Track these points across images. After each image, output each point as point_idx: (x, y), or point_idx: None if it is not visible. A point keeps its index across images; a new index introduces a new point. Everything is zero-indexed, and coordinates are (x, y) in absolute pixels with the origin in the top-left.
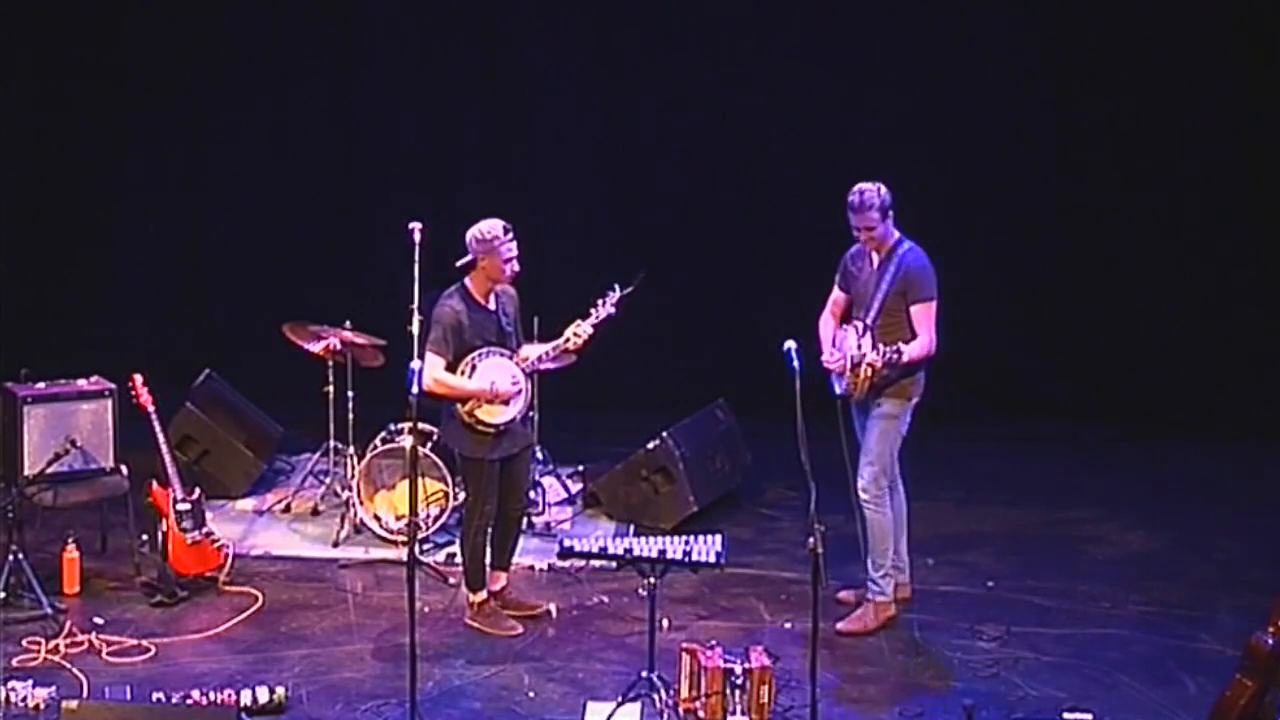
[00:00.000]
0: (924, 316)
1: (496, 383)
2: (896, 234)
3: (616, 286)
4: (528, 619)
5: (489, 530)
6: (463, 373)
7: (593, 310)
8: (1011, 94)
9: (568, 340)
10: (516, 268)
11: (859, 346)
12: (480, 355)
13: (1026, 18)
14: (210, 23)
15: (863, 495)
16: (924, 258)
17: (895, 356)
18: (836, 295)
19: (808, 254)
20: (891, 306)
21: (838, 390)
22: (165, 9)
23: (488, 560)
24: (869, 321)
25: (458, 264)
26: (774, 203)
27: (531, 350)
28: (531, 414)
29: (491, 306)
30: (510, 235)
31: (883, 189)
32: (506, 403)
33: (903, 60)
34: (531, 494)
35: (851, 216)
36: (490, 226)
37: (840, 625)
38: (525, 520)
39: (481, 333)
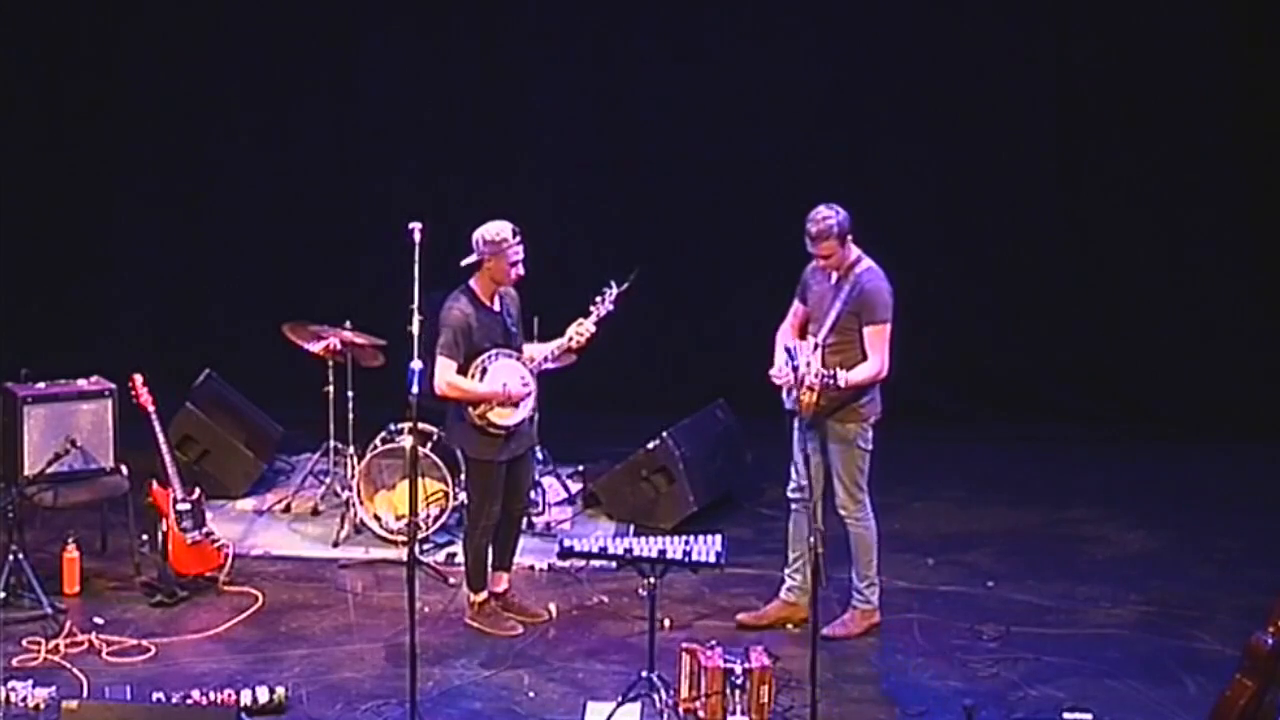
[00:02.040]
0: (876, 339)
1: (508, 385)
2: (856, 252)
3: (613, 283)
4: (528, 622)
5: (491, 531)
6: (473, 376)
7: (593, 308)
8: (1012, 93)
9: (571, 339)
10: (521, 271)
11: (807, 364)
12: (490, 358)
13: (1027, 17)
14: (210, 23)
15: (841, 512)
16: (882, 279)
17: (830, 381)
18: (796, 307)
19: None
20: (844, 326)
21: (787, 404)
22: (165, 9)
23: (489, 561)
24: (820, 340)
25: (462, 263)
26: (774, 202)
27: (535, 350)
28: (533, 414)
29: (496, 308)
30: (519, 239)
31: (840, 213)
32: (517, 404)
33: (903, 59)
34: (531, 494)
35: (809, 244)
36: (499, 228)
37: (825, 630)
38: (525, 520)
39: (489, 334)
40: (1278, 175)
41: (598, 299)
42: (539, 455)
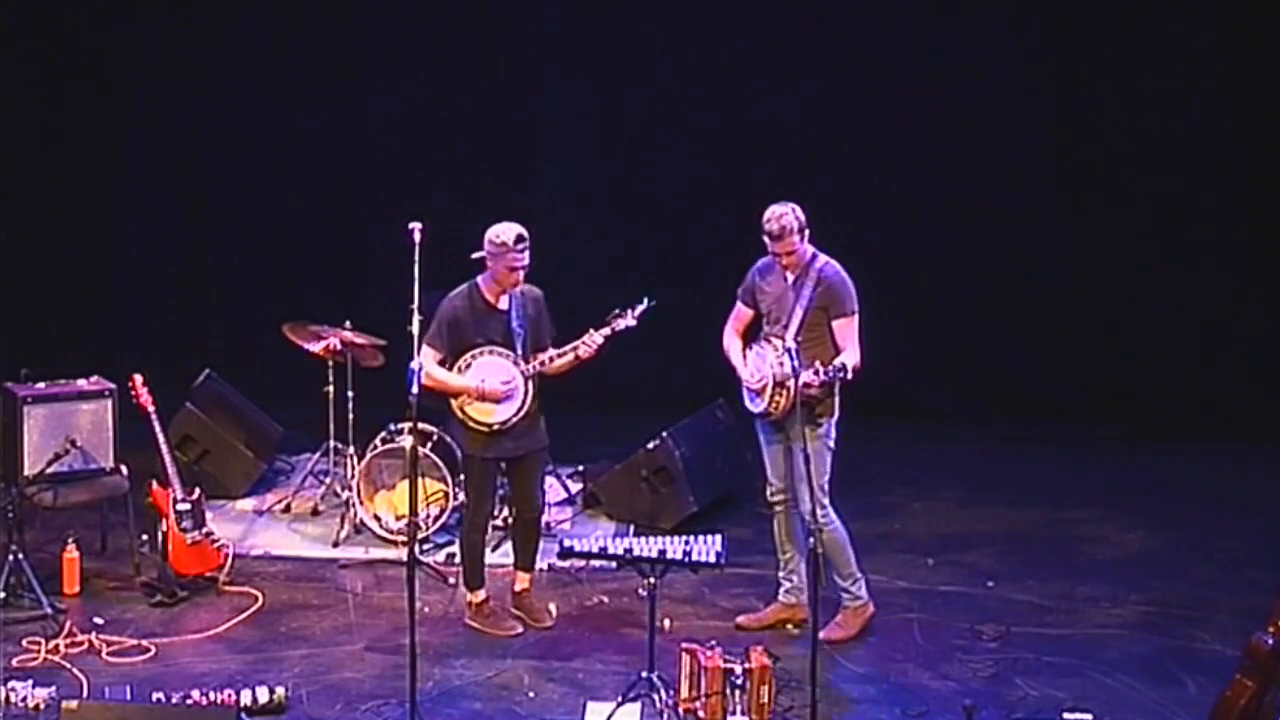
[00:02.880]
0: (849, 331)
1: (486, 381)
2: (811, 249)
3: (646, 299)
4: (529, 624)
5: (487, 530)
6: (459, 369)
7: (611, 321)
8: (1012, 94)
9: (577, 348)
10: (520, 278)
11: (781, 365)
12: (478, 353)
13: (1028, 16)
14: (210, 23)
15: (807, 519)
16: (842, 272)
17: (841, 375)
18: (740, 310)
19: (756, 256)
20: (813, 322)
21: (754, 408)
22: (164, 9)
23: (510, 561)
24: (789, 339)
25: (473, 255)
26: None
27: (544, 354)
28: (526, 414)
29: (503, 306)
30: (522, 245)
31: (797, 210)
32: (497, 402)
33: (903, 59)
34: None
35: (770, 243)
36: (503, 232)
37: (822, 634)
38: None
39: (484, 331)
40: (1277, 176)
41: (623, 311)
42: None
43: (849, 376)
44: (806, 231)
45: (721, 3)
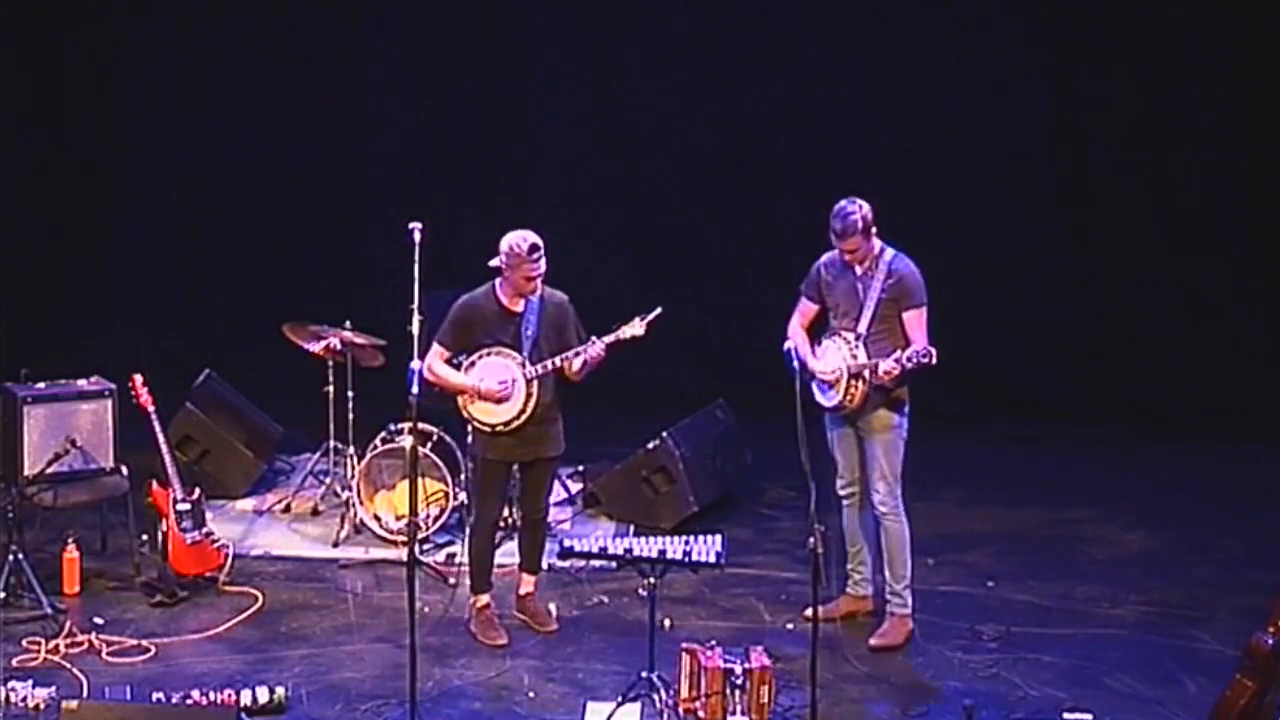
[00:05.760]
0: (919, 322)
1: (484, 382)
2: (879, 243)
3: (660, 309)
4: (534, 629)
5: (494, 535)
6: (463, 369)
7: (615, 329)
8: (1013, 93)
9: (580, 354)
10: (537, 285)
11: (854, 357)
12: (484, 354)
13: (1029, 16)
14: (210, 22)
15: (880, 509)
16: (912, 264)
17: (925, 359)
18: (805, 305)
19: (809, 254)
20: (885, 315)
21: (827, 402)
22: (165, 9)
23: (512, 561)
24: (861, 332)
25: (490, 264)
26: (775, 202)
27: (558, 359)
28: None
29: (519, 309)
30: (536, 255)
31: (864, 207)
32: (497, 403)
33: (904, 59)
34: (549, 500)
35: (834, 240)
36: (518, 244)
37: (872, 641)
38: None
39: (495, 332)
40: (1276, 177)
41: (631, 320)
42: None
43: (933, 361)
44: (874, 229)
45: (722, 4)
